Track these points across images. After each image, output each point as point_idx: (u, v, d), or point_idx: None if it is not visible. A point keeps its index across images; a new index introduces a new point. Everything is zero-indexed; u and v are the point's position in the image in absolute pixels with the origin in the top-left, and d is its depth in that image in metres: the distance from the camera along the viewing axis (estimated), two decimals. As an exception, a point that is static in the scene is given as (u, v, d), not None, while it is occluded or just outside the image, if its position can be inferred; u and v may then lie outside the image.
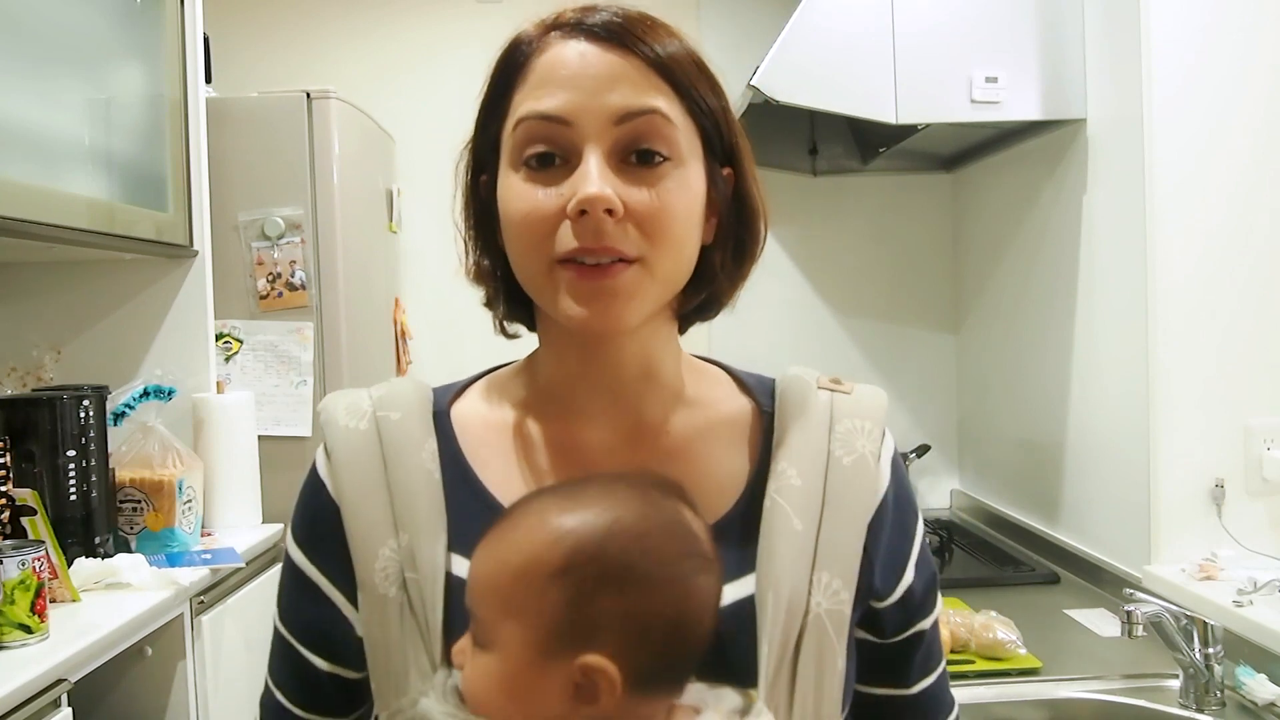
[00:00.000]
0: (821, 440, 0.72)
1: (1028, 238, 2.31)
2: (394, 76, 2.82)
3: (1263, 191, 1.71)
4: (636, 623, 0.60)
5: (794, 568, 0.67)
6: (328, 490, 0.72)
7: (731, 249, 0.74)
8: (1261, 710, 1.36)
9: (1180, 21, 1.71)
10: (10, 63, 1.48)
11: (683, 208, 0.67)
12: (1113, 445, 1.91)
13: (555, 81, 0.66)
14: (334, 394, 0.76)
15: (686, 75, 0.68)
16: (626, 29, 0.67)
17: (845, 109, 2.07)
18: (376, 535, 0.68)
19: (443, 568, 0.67)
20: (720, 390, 0.78)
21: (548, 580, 0.59)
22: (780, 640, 0.65)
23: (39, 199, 1.51)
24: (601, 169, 0.64)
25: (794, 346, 2.85)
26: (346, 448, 0.71)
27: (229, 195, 2.24)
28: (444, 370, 0.82)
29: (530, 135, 0.66)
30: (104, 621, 1.42)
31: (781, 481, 0.69)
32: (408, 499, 0.69)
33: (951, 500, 2.83)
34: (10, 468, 1.55)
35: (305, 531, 0.74)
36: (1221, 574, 1.62)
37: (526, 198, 0.66)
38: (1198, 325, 1.72)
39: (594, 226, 0.64)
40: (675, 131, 0.67)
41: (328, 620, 0.71)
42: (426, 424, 0.73)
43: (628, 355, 0.72)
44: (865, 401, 0.75)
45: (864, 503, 0.71)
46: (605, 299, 0.65)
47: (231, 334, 2.31)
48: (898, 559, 0.73)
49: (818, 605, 0.67)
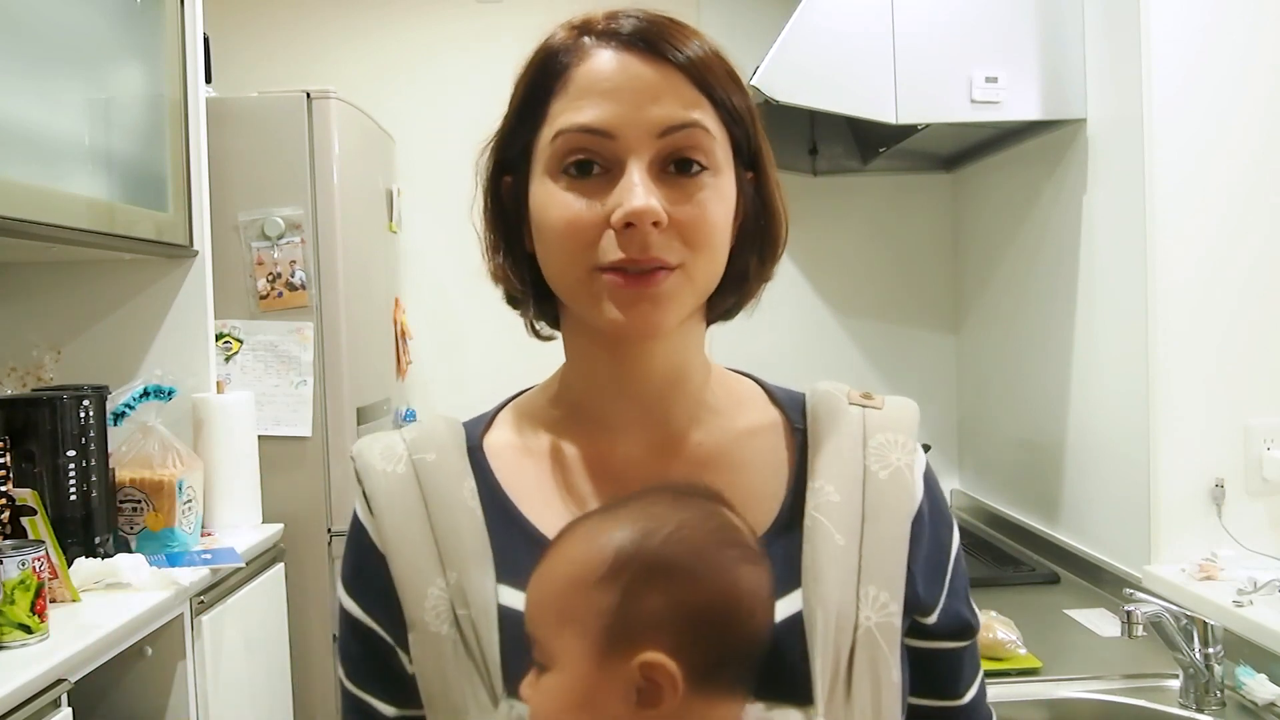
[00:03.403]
0: (856, 456, 0.73)
1: (1028, 238, 2.31)
2: (394, 76, 2.82)
3: (1263, 191, 1.71)
4: (687, 615, 0.61)
5: (840, 583, 0.68)
6: (369, 536, 0.72)
7: (757, 249, 0.75)
8: (1261, 710, 1.36)
9: (1180, 21, 1.71)
10: (10, 63, 1.48)
11: (720, 216, 0.69)
12: (1113, 445, 1.91)
13: (597, 93, 0.67)
14: (366, 439, 0.77)
15: (720, 82, 0.70)
16: (661, 36, 0.68)
17: (845, 109, 2.07)
18: (423, 575, 0.69)
19: (494, 600, 0.67)
20: (751, 403, 0.78)
21: (595, 584, 0.61)
22: (833, 656, 0.66)
23: (39, 199, 1.51)
24: (645, 181, 0.65)
25: (794, 346, 2.84)
26: (386, 493, 0.72)
27: (229, 195, 2.24)
28: (444, 369, 0.82)
29: (572, 146, 0.67)
30: (104, 621, 1.42)
31: (820, 499, 0.70)
32: (452, 537, 0.70)
33: (951, 500, 2.83)
34: (10, 468, 1.55)
35: (354, 579, 0.74)
36: (1221, 574, 1.61)
37: (569, 206, 0.67)
38: (1198, 325, 1.72)
39: (640, 239, 0.65)
40: (713, 142, 0.68)
41: (388, 666, 0.72)
42: (463, 462, 0.73)
43: (658, 360, 0.73)
44: (897, 414, 0.76)
45: (903, 515, 0.72)
46: (647, 305, 0.66)
47: (231, 334, 2.31)
48: (937, 571, 0.74)
49: (867, 619, 0.67)
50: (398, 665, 0.71)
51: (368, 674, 0.73)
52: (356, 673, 0.74)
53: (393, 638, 0.71)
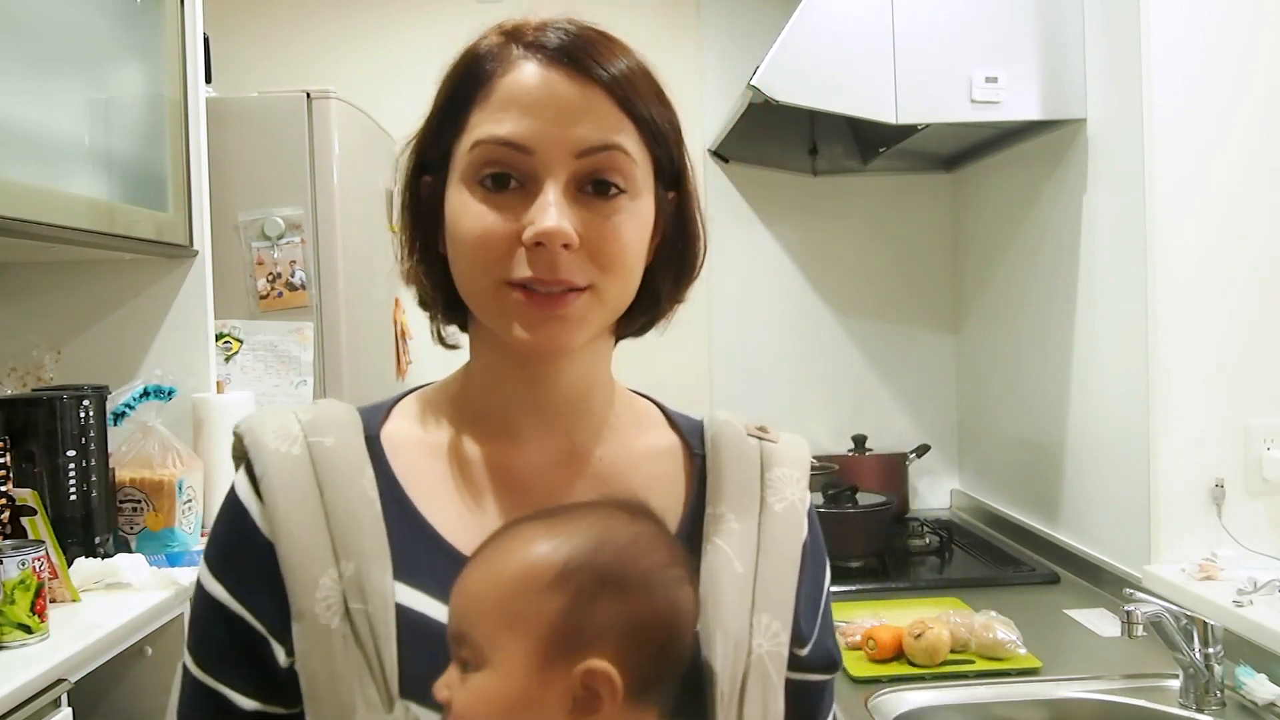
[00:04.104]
0: (754, 487, 0.74)
1: (1028, 238, 2.31)
2: (394, 76, 2.82)
3: (1263, 191, 1.71)
4: (635, 626, 0.61)
5: (737, 610, 0.69)
6: (252, 518, 0.68)
7: (673, 270, 0.75)
8: (1261, 710, 1.36)
9: (1180, 21, 1.71)
10: (10, 63, 1.48)
11: (634, 239, 0.69)
12: (1113, 445, 1.91)
13: (518, 107, 0.67)
14: (256, 414, 0.73)
15: (645, 103, 0.69)
16: (587, 53, 0.67)
17: (845, 109, 2.07)
18: (315, 565, 0.66)
19: (392, 596, 0.65)
20: (651, 425, 0.79)
21: (547, 586, 0.60)
22: (729, 680, 0.67)
23: (39, 199, 1.51)
24: (559, 201, 0.65)
25: (794, 347, 2.85)
26: (279, 473, 0.68)
27: (229, 195, 2.24)
28: (444, 370, 0.82)
29: (488, 158, 0.67)
30: (104, 621, 1.42)
31: (721, 525, 0.71)
32: (350, 528, 0.67)
33: (951, 500, 2.83)
34: (10, 468, 1.55)
35: (226, 561, 0.70)
36: (1221, 574, 1.62)
37: (481, 219, 0.67)
38: (1198, 325, 1.72)
39: (549, 259, 0.65)
40: (632, 165, 0.68)
41: (254, 656, 0.67)
42: (361, 450, 0.71)
43: (565, 376, 0.73)
44: (792, 450, 0.78)
45: (794, 549, 0.73)
46: (554, 326, 0.66)
47: (231, 334, 2.31)
48: (814, 605, 0.75)
49: (759, 646, 0.69)
50: (266, 656, 0.67)
51: (227, 663, 0.68)
52: (211, 661, 0.69)
53: (266, 627, 0.67)
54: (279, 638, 0.67)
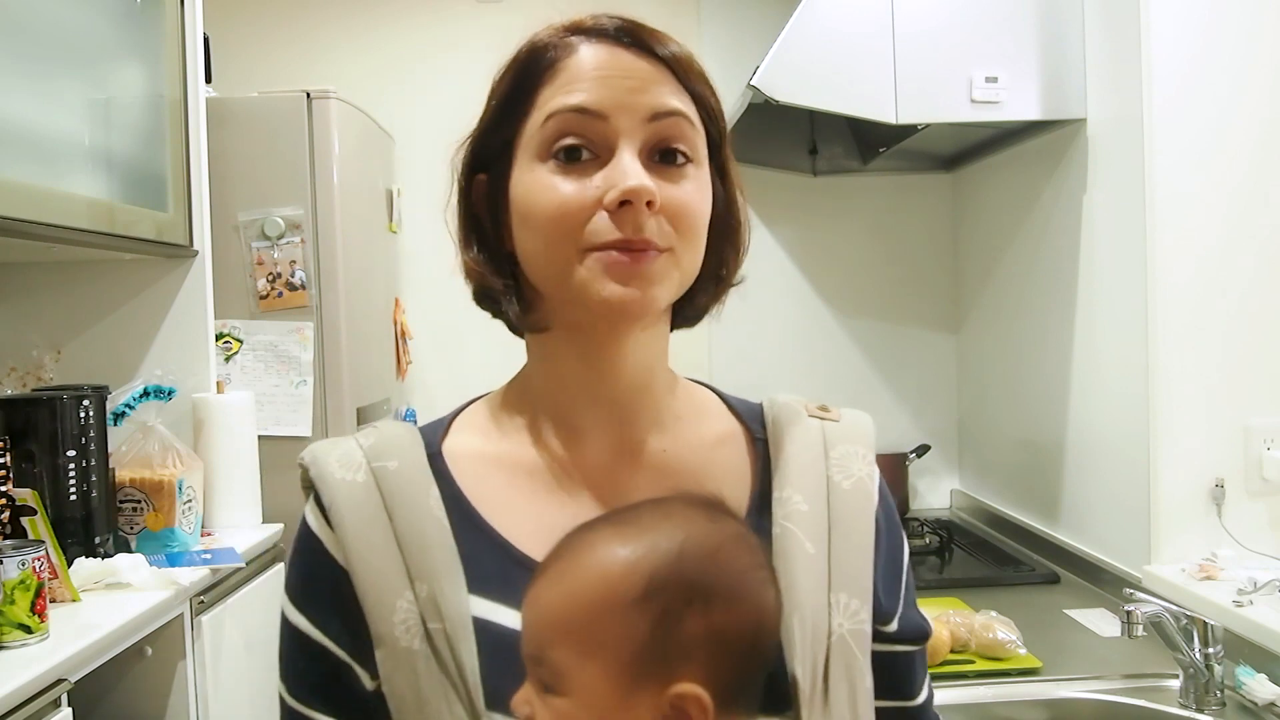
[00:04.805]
0: (819, 466, 0.74)
1: (1028, 238, 2.31)
2: (394, 76, 2.82)
3: (1263, 191, 1.71)
4: (721, 641, 0.59)
5: (813, 591, 0.68)
6: (326, 549, 0.69)
7: (725, 248, 0.75)
8: (1261, 710, 1.36)
9: (1180, 21, 1.71)
10: (10, 63, 1.48)
11: (703, 206, 0.71)
12: (1113, 445, 1.91)
13: (589, 78, 0.68)
14: (319, 444, 0.73)
15: (698, 81, 0.71)
16: (645, 35, 0.70)
17: (845, 109, 2.07)
18: (390, 589, 0.66)
19: (468, 613, 0.66)
20: (710, 413, 0.79)
21: (630, 607, 0.58)
22: (811, 664, 0.66)
23: (39, 199, 1.51)
24: (636, 163, 0.67)
25: (794, 346, 2.85)
26: (347, 502, 0.69)
27: (229, 195, 2.24)
28: (444, 370, 0.82)
29: (563, 128, 0.68)
30: (104, 621, 1.42)
31: (789, 508, 0.71)
32: (420, 548, 0.67)
33: (951, 500, 2.83)
34: (10, 468, 1.55)
35: (305, 592, 0.71)
36: (1221, 574, 1.61)
37: (557, 189, 0.67)
38: (1198, 325, 1.72)
39: (634, 218, 0.66)
40: (696, 135, 0.70)
41: (343, 683, 0.69)
42: (425, 469, 0.72)
43: (627, 363, 0.72)
44: (855, 428, 0.78)
45: (866, 525, 0.73)
46: (641, 283, 0.67)
47: (231, 334, 2.31)
48: (894, 579, 0.75)
49: (840, 626, 0.68)
50: (353, 682, 0.68)
51: (316, 693, 0.70)
52: (303, 690, 0.71)
53: (350, 654, 0.68)
54: (363, 663, 0.68)
